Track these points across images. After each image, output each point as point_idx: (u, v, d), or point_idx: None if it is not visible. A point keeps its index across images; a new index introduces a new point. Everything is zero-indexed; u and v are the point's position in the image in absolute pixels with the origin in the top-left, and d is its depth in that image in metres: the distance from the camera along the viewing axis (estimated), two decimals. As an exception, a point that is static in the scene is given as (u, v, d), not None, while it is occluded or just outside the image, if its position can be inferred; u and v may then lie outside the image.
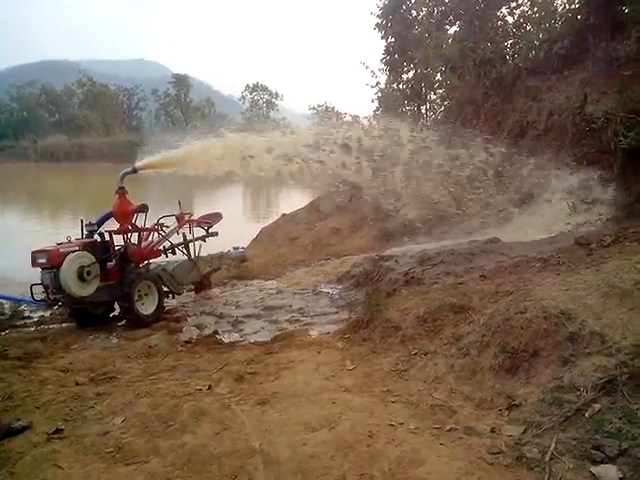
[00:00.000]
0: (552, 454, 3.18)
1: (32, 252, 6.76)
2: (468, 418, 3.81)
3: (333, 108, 56.99)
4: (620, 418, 3.29)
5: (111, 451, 3.69)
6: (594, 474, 2.99)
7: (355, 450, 3.45)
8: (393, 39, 21.16)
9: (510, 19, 16.31)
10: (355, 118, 24.00)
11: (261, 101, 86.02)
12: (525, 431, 3.49)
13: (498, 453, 3.33)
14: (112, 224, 7.90)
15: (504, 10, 16.65)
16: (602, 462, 3.05)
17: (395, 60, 21.48)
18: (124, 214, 7.63)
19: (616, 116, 8.34)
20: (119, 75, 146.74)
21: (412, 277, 6.67)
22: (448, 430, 3.67)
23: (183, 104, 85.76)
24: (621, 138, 8.06)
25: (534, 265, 5.92)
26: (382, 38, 21.43)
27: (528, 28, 15.25)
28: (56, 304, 7.69)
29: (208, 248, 10.06)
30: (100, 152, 66.10)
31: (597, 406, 3.44)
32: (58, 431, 4.00)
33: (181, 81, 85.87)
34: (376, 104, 23.88)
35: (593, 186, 8.65)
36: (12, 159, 67.53)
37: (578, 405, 3.48)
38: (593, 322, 4.13)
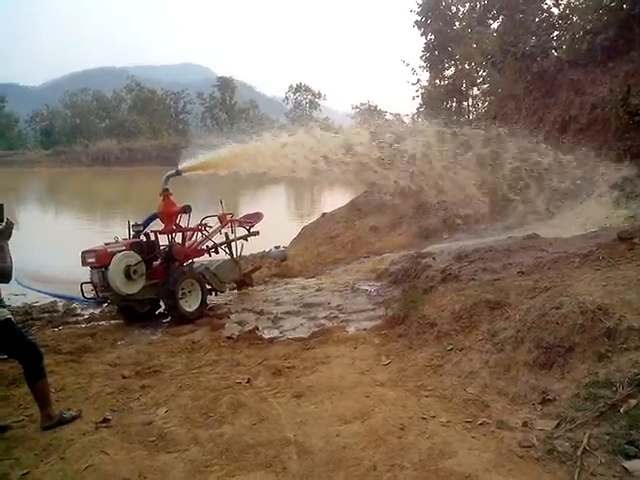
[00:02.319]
0: (584, 448, 3.18)
1: (82, 252, 7.07)
2: (501, 412, 3.83)
3: (376, 107, 56.87)
4: (656, 414, 3.25)
5: (154, 440, 3.87)
6: (627, 469, 2.97)
7: (386, 442, 3.53)
8: (433, 36, 21.07)
9: (555, 10, 15.98)
10: (397, 116, 23.95)
11: (304, 101, 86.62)
12: (558, 425, 3.49)
13: (529, 447, 3.35)
14: (157, 225, 8.18)
15: (549, 2, 16.33)
16: (636, 457, 3.03)
17: (435, 57, 21.38)
18: (168, 215, 7.89)
19: (661, 108, 8.13)
20: (165, 80, 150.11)
21: (449, 274, 6.67)
22: (480, 424, 3.70)
23: (228, 106, 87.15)
24: (666, 130, 7.85)
25: (573, 261, 5.84)
26: (422, 35, 21.37)
27: (575, 19, 14.90)
28: (105, 302, 8.02)
29: (250, 247, 10.27)
30: (149, 155, 67.89)
31: (633, 402, 3.41)
32: (105, 420, 4.22)
33: (225, 84, 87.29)
34: (418, 101, 23.82)
35: (637, 180, 8.42)
36: (66, 164, 70.14)
37: (613, 400, 3.46)
38: (631, 317, 4.08)
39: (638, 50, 10.81)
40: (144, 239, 7.70)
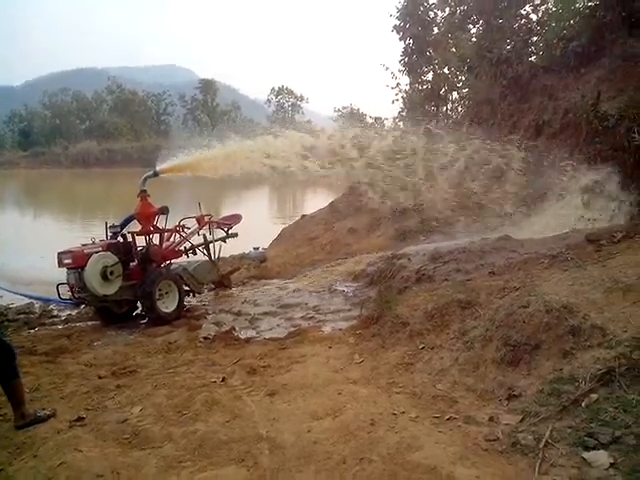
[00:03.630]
0: (547, 441, 3.30)
1: (58, 253, 7.07)
2: (468, 408, 3.95)
3: (358, 110, 57.22)
4: (615, 407, 3.38)
5: (128, 437, 3.91)
6: (586, 459, 3.09)
7: (356, 436, 3.61)
8: (411, 40, 21.24)
9: (534, 17, 16.27)
10: (377, 120, 24.14)
11: (286, 104, 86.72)
12: (522, 420, 3.61)
13: (494, 440, 3.46)
14: (135, 226, 8.19)
15: (528, 8, 16.62)
16: (595, 448, 3.15)
17: (414, 61, 21.57)
18: (146, 216, 7.90)
19: (629, 113, 8.33)
20: (147, 81, 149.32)
21: (423, 274, 6.78)
22: (448, 419, 3.81)
23: (210, 108, 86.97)
24: (634, 135, 8.05)
25: (543, 261, 5.99)
26: (400, 39, 21.54)
27: (553, 25, 15.18)
28: (81, 303, 8.00)
29: (230, 249, 10.30)
30: (129, 157, 67.54)
31: (594, 396, 3.54)
32: (80, 419, 4.24)
33: (208, 86, 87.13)
34: (398, 105, 24.02)
35: (606, 184, 8.61)
36: (44, 165, 69.40)
37: (576, 395, 3.59)
38: (595, 316, 4.23)
39: (609, 57, 11.08)
40: (121, 240, 7.70)
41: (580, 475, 3.00)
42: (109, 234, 7.81)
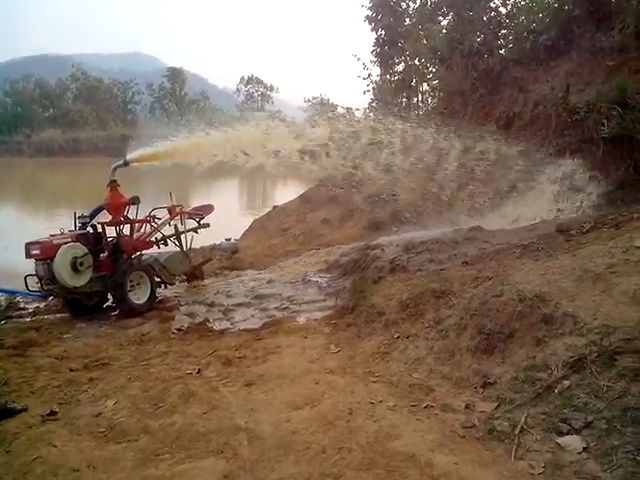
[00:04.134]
0: (522, 427, 3.37)
1: (26, 244, 6.88)
2: (445, 396, 4.00)
3: (328, 100, 57.14)
4: (587, 393, 3.46)
5: (103, 431, 3.86)
6: (559, 444, 3.17)
7: (335, 426, 3.63)
8: (383, 31, 21.27)
9: (503, 10, 16.46)
10: (349, 110, 24.17)
11: (256, 94, 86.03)
12: (498, 407, 3.68)
13: (471, 427, 3.53)
14: (105, 216, 8.03)
15: (497, 1, 16.79)
16: (568, 434, 3.23)
17: (385, 52, 21.60)
18: (116, 206, 7.75)
19: (597, 106, 8.52)
20: (113, 69, 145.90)
21: (397, 265, 6.84)
22: (425, 407, 3.86)
23: (178, 97, 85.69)
24: (602, 127, 8.23)
25: (514, 251, 6.10)
26: (372, 30, 21.55)
27: (521, 19, 15.38)
28: (50, 295, 7.82)
29: (201, 240, 10.21)
30: (95, 146, 66.06)
31: (567, 383, 3.61)
32: (52, 413, 4.17)
33: (176, 74, 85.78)
34: (369, 96, 24.07)
35: (576, 175, 8.81)
36: (6, 154, 67.32)
37: (549, 382, 3.66)
38: (566, 304, 4.30)
39: (577, 50, 11.31)
40: (91, 231, 7.54)
41: (554, 459, 3.07)
42: (78, 225, 7.63)
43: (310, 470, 3.19)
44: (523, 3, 15.49)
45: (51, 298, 8.25)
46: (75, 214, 7.77)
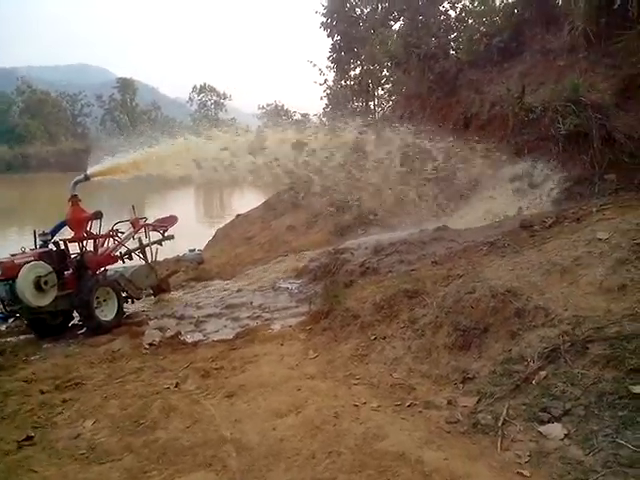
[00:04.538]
0: (504, 419, 3.48)
1: None
2: (426, 393, 4.07)
3: (282, 106, 57.10)
4: (564, 382, 3.59)
5: (84, 452, 3.78)
6: (542, 433, 3.28)
7: (322, 431, 3.65)
8: (339, 37, 21.50)
9: (452, 13, 16.84)
10: (305, 116, 24.28)
11: (209, 102, 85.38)
12: (479, 401, 3.77)
13: (455, 422, 3.61)
14: (66, 233, 7.83)
15: (446, 4, 17.16)
16: (549, 422, 3.35)
17: (342, 57, 21.84)
18: (78, 222, 7.55)
19: (552, 104, 8.80)
20: (60, 81, 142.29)
21: (368, 267, 6.90)
22: (408, 406, 3.92)
23: (129, 109, 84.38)
24: (559, 125, 8.51)
25: (481, 249, 6.24)
26: (328, 36, 21.75)
27: (470, 22, 15.76)
28: (11, 317, 7.56)
29: (164, 252, 10.05)
30: (46, 162, 64.43)
31: (543, 373, 3.73)
32: (28, 438, 4.05)
33: (126, 85, 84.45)
34: (325, 101, 24.25)
35: (535, 172, 9.05)
36: (-52, 173, 64.73)
37: (526, 374, 3.78)
38: (537, 297, 4.45)
39: (529, 51, 11.68)
40: (53, 248, 7.33)
41: (539, 448, 3.18)
42: (39, 242, 7.40)
43: (302, 476, 3.20)
44: (472, 7, 15.89)
45: (12, 320, 7.97)
46: (35, 231, 7.53)
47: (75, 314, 7.56)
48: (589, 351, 3.70)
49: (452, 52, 14.36)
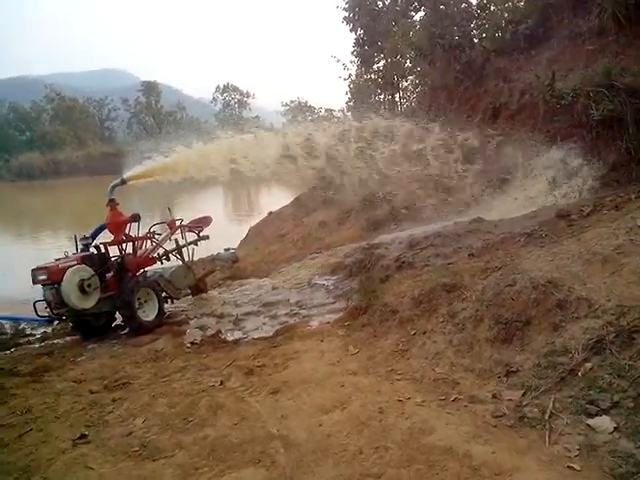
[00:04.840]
0: (551, 412, 3.46)
1: (32, 270, 6.84)
2: (470, 388, 4.07)
3: (306, 103, 56.96)
4: (610, 374, 3.55)
5: (137, 450, 3.88)
6: (590, 426, 3.25)
7: (368, 426, 3.69)
8: (362, 31, 21.40)
9: (473, 0, 16.61)
10: (330, 111, 24.27)
11: (233, 101, 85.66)
12: (524, 394, 3.75)
13: (501, 416, 3.60)
14: (106, 236, 8.02)
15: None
16: (597, 415, 3.32)
17: (365, 51, 21.73)
18: (117, 225, 7.74)
19: (584, 90, 8.65)
20: (86, 87, 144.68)
21: (403, 262, 6.90)
22: (453, 400, 3.93)
23: (154, 111, 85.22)
24: (592, 111, 8.36)
25: (519, 240, 6.19)
26: (351, 31, 21.67)
27: (492, 9, 15.53)
28: (57, 319, 7.80)
29: (198, 252, 10.19)
30: (76, 167, 65.66)
31: (589, 365, 3.70)
32: (82, 436, 4.17)
33: (150, 88, 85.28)
34: (348, 96, 24.18)
35: (569, 160, 8.92)
36: (-16, 181, 66.56)
37: (571, 366, 3.75)
38: (579, 288, 4.40)
39: (557, 37, 11.49)
40: (95, 252, 7.53)
41: (588, 441, 3.15)
42: (80, 246, 7.60)
43: (350, 471, 3.24)
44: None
45: (57, 322, 8.22)
46: (76, 236, 7.75)
47: (118, 315, 7.75)
48: (635, 341, 3.66)
49: (477, 41, 14.18)
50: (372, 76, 22.66)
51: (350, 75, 23.48)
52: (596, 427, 3.25)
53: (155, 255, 8.36)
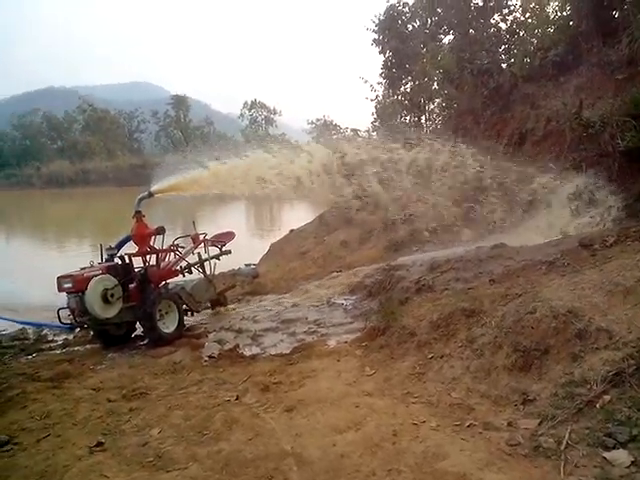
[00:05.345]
0: (567, 443, 3.42)
1: (58, 277, 6.99)
2: (486, 414, 4.04)
3: (332, 122, 57.35)
4: (629, 407, 3.51)
5: (151, 460, 3.93)
6: (607, 459, 3.21)
7: (382, 448, 3.69)
8: (391, 53, 21.58)
9: (503, 25, 16.70)
10: (355, 131, 24.42)
11: (260, 118, 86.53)
12: (540, 423, 3.72)
13: (516, 445, 3.57)
14: (130, 247, 8.16)
15: (497, 17, 17.03)
16: (614, 448, 3.28)
17: (393, 73, 21.90)
18: (142, 237, 7.88)
19: (612, 119, 8.61)
20: (117, 99, 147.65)
21: (423, 285, 6.89)
22: (468, 426, 3.90)
23: (183, 125, 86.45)
24: (618, 141, 8.31)
25: (540, 268, 6.15)
26: (380, 53, 21.88)
27: (521, 34, 15.58)
28: (78, 327, 7.94)
29: (220, 266, 10.30)
30: (104, 176, 66.87)
31: (607, 397, 3.67)
32: (99, 444, 4.24)
33: (180, 102, 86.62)
34: (374, 116, 24.35)
35: (594, 189, 8.86)
36: (16, 187, 68.20)
37: (589, 397, 3.72)
38: (599, 319, 4.37)
39: (586, 65, 11.48)
40: (119, 262, 7.67)
41: (604, 474, 3.11)
42: (105, 256, 7.75)
43: (362, 493, 3.25)
44: (523, 19, 15.72)
45: (78, 330, 8.37)
46: (101, 246, 7.90)
47: (138, 325, 7.86)
48: (656, 376, 3.62)
49: (505, 66, 14.22)
50: (399, 98, 22.79)
51: (377, 96, 23.71)
52: (612, 460, 3.20)
53: (178, 268, 8.48)
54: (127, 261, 7.72)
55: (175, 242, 8.53)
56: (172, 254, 8.43)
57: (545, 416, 3.76)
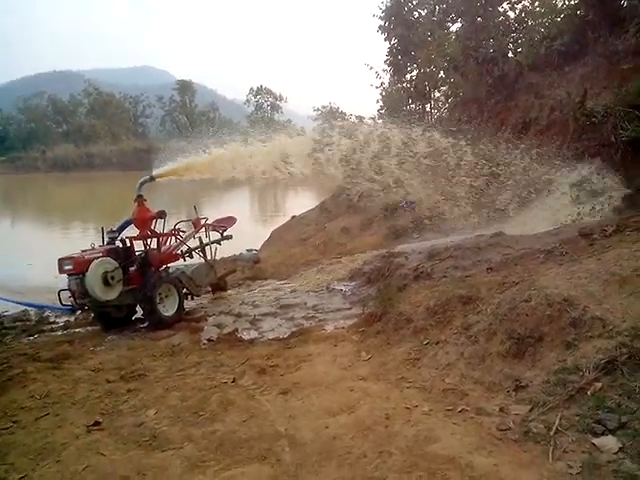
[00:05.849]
0: (557, 429, 3.44)
1: (59, 259, 7.03)
2: (478, 400, 4.08)
3: (337, 109, 57.10)
4: (620, 395, 3.54)
5: (147, 439, 3.99)
6: (595, 445, 3.24)
7: (374, 431, 3.73)
8: (396, 40, 21.43)
9: (512, 14, 16.52)
10: (360, 118, 24.33)
11: (265, 104, 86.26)
12: (532, 409, 3.75)
13: (507, 430, 3.60)
14: (132, 230, 8.20)
15: (505, 5, 16.86)
16: (603, 434, 3.31)
17: (398, 61, 21.76)
18: (143, 221, 7.92)
19: (615, 110, 8.57)
20: (123, 83, 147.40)
21: (421, 272, 6.92)
22: (460, 411, 3.94)
23: (188, 110, 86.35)
24: (621, 131, 8.28)
25: (538, 256, 6.16)
26: (385, 40, 21.73)
27: (530, 23, 15.43)
28: (80, 309, 8.00)
29: (221, 251, 10.35)
30: (108, 160, 67.02)
31: (598, 385, 3.69)
32: (97, 423, 4.31)
33: (185, 87, 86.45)
34: (379, 104, 24.23)
35: (595, 179, 8.85)
36: (21, 170, 68.39)
37: (581, 384, 3.74)
38: (594, 307, 4.38)
39: (592, 54, 11.38)
40: (120, 245, 7.71)
41: (591, 460, 3.14)
42: (106, 239, 7.80)
43: (352, 474, 3.29)
44: (531, 8, 15.56)
45: (79, 312, 8.43)
46: (103, 229, 7.95)
47: (138, 308, 7.92)
48: (648, 365, 3.64)
49: (511, 55, 14.12)
50: (404, 85, 22.67)
51: (382, 83, 23.59)
52: (601, 446, 3.23)
53: (178, 252, 8.52)
54: (128, 244, 7.76)
55: (176, 226, 8.56)
56: (173, 238, 8.47)
57: (536, 402, 3.79)
